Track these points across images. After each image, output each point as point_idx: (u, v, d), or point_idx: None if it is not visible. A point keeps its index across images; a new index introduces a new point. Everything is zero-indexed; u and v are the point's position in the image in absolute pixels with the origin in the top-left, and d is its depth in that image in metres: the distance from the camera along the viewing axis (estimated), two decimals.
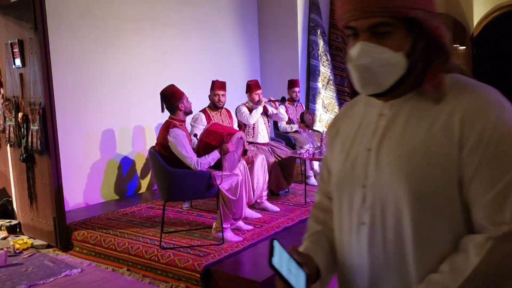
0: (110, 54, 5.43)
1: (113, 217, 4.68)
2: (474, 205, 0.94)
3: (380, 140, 1.03)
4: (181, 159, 3.79)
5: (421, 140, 0.97)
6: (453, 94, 0.97)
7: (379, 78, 0.98)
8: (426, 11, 0.96)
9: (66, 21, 5.02)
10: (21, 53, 4.35)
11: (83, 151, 5.21)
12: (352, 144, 1.11)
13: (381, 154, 1.02)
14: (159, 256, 3.63)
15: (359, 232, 1.05)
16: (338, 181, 1.12)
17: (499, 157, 0.91)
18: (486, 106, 0.93)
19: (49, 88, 4.17)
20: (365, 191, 1.04)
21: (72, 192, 5.02)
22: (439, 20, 0.98)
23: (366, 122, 1.10)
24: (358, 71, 1.00)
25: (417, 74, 1.00)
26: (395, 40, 0.96)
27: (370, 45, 0.96)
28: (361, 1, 0.95)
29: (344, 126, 1.17)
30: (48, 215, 4.31)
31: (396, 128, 1.02)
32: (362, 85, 1.01)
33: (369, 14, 0.95)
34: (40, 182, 4.40)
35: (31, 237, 4.56)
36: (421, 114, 0.99)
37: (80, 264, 3.94)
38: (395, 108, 1.04)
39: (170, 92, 3.90)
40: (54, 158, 4.23)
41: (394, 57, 0.96)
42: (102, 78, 5.36)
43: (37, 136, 4.23)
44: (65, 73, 4.94)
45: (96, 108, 5.31)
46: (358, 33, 0.99)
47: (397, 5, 0.93)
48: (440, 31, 0.97)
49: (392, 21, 0.95)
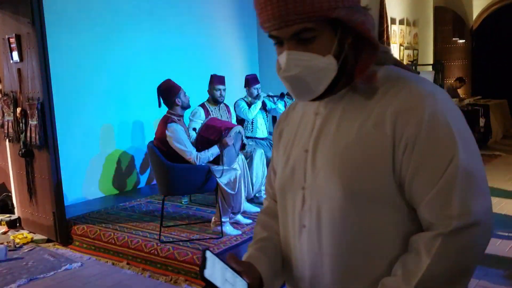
0: (108, 48, 5.42)
1: (113, 212, 4.69)
2: (419, 203, 0.91)
3: (316, 140, 1.01)
4: (180, 153, 3.80)
5: (354, 137, 0.94)
6: (385, 87, 0.95)
7: (312, 86, 0.95)
8: (348, 8, 0.91)
9: (64, 15, 5.00)
10: (19, 47, 4.34)
11: (82, 145, 5.21)
12: (292, 145, 1.08)
13: (317, 154, 1.00)
14: (159, 250, 3.64)
15: (301, 236, 1.03)
16: (280, 185, 1.09)
17: (438, 152, 0.88)
18: (419, 100, 0.90)
19: (47, 83, 4.17)
20: (304, 193, 1.01)
21: (71, 187, 5.03)
22: (363, 12, 0.95)
23: (304, 122, 1.07)
24: (288, 82, 0.96)
25: (349, 71, 0.97)
26: (321, 43, 0.92)
27: (297, 53, 0.93)
28: (278, 10, 0.90)
29: (286, 127, 1.15)
30: (48, 209, 4.32)
31: (331, 126, 0.99)
32: (296, 95, 0.98)
33: (290, 22, 0.90)
34: (39, 177, 4.40)
35: (31, 231, 4.57)
36: (355, 110, 0.97)
37: (80, 258, 3.95)
38: (330, 106, 1.01)
39: (167, 87, 3.90)
40: (53, 153, 4.23)
41: (323, 62, 0.93)
42: (100, 72, 5.35)
43: (36, 131, 4.22)
44: (63, 67, 4.93)
45: (95, 103, 5.30)
46: (282, 41, 0.95)
47: (316, 8, 0.89)
48: (365, 26, 0.93)
49: (315, 26, 0.90)
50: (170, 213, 4.51)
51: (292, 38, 0.92)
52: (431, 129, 0.88)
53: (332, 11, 0.89)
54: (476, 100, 9.19)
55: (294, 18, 0.89)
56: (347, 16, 0.91)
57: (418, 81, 0.94)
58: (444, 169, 0.87)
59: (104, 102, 5.40)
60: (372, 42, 0.94)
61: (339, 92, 0.99)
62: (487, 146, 8.14)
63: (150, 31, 5.87)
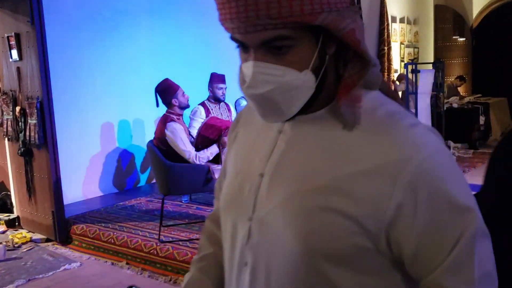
0: (108, 46, 5.40)
1: (112, 211, 4.68)
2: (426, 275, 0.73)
3: (276, 166, 0.80)
4: (179, 153, 3.79)
5: (329, 181, 0.73)
6: (372, 125, 0.74)
7: (282, 107, 0.75)
8: (335, 12, 0.71)
9: (63, 13, 4.98)
10: (18, 46, 4.32)
11: (82, 144, 5.19)
12: (245, 161, 0.88)
13: (274, 184, 0.79)
14: (158, 250, 3.63)
15: (241, 273, 0.84)
16: (225, 202, 0.90)
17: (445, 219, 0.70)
18: (413, 151, 0.70)
19: (46, 82, 4.16)
20: (251, 227, 0.81)
21: (71, 186, 5.01)
22: (353, 17, 0.74)
23: (263, 136, 0.86)
24: (254, 101, 0.76)
25: (328, 88, 0.78)
26: (298, 55, 0.72)
27: (266, 66, 0.72)
28: (245, 10, 0.68)
29: (243, 132, 0.94)
30: (47, 209, 4.31)
31: (296, 153, 0.79)
32: (262, 115, 0.78)
33: (260, 27, 0.70)
34: (38, 176, 4.39)
35: (30, 231, 4.56)
36: (330, 141, 0.76)
37: (79, 258, 3.94)
38: (299, 127, 0.80)
39: (164, 87, 3.89)
40: (52, 152, 4.22)
41: (299, 79, 0.73)
42: (100, 70, 5.33)
43: (35, 130, 4.21)
44: (63, 66, 4.91)
45: (95, 101, 5.29)
46: (248, 48, 0.74)
47: (295, 12, 0.68)
48: (355, 36, 0.73)
49: (292, 33, 0.71)
50: (170, 212, 4.49)
51: (262, 46, 0.72)
52: (436, 193, 0.70)
53: (315, 17, 0.70)
54: (476, 98, 9.18)
55: (266, 23, 0.69)
56: (334, 24, 0.71)
57: (409, 124, 0.74)
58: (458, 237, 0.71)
59: (104, 100, 5.38)
60: (363, 57, 0.75)
61: (313, 113, 0.79)
62: (487, 144, 8.13)
63: (150, 29, 5.85)
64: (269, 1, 0.68)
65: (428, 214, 0.70)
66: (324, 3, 0.70)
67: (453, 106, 7.95)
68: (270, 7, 0.68)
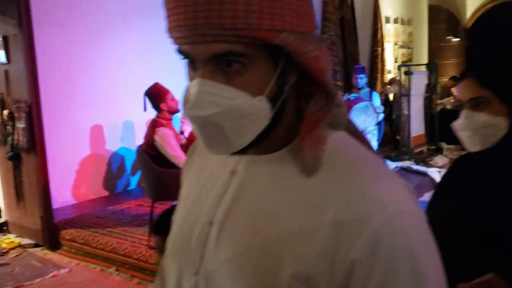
0: (99, 49, 5.35)
1: (102, 215, 4.64)
2: None
3: (226, 214, 0.70)
4: (169, 158, 3.75)
5: (279, 233, 0.64)
6: (335, 173, 0.65)
7: (230, 136, 0.64)
8: (298, 34, 0.63)
9: (53, 16, 4.92)
10: (6, 49, 4.26)
11: (72, 147, 5.14)
12: (195, 202, 0.76)
13: (223, 235, 0.69)
14: (147, 257, 3.60)
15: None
16: (170, 252, 0.80)
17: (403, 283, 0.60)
18: (374, 211, 0.60)
19: (34, 85, 4.11)
20: (197, 282, 0.71)
21: (61, 189, 4.96)
22: (319, 45, 0.65)
23: (216, 175, 0.76)
24: (197, 125, 0.65)
25: (288, 123, 0.68)
26: (253, 77, 0.63)
27: (215, 85, 0.62)
28: (195, 15, 0.59)
29: (198, 163, 0.83)
30: (36, 213, 4.27)
31: (249, 201, 0.69)
32: (207, 144, 0.67)
33: (209, 38, 0.60)
34: (27, 181, 4.34)
35: (19, 235, 4.51)
36: (286, 189, 0.66)
37: (68, 264, 3.90)
38: (254, 168, 0.71)
39: (153, 91, 3.84)
40: (40, 156, 4.17)
41: (252, 104, 0.63)
42: (91, 73, 5.28)
43: (23, 134, 4.17)
44: (52, 69, 4.86)
45: (85, 104, 5.23)
46: (196, 63, 0.64)
47: (252, 26, 0.59)
48: (319, 64, 0.64)
49: (247, 50, 0.61)
50: None
51: (211, 61, 0.62)
52: (390, 259, 0.60)
53: (275, 34, 0.61)
54: None
55: (216, 33, 0.59)
56: (296, 46, 0.62)
57: (377, 176, 0.64)
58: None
59: (94, 103, 5.33)
60: (326, 90, 0.66)
61: (270, 154, 0.69)
62: None
63: (141, 31, 5.80)
64: (222, 9, 0.58)
65: (384, 276, 0.60)
66: (286, 22, 0.61)
67: (446, 107, 7.95)
68: (223, 15, 0.58)
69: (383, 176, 0.65)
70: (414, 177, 5.74)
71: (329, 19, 7.33)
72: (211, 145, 0.66)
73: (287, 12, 0.61)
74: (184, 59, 0.66)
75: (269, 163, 0.69)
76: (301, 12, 0.63)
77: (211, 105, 0.62)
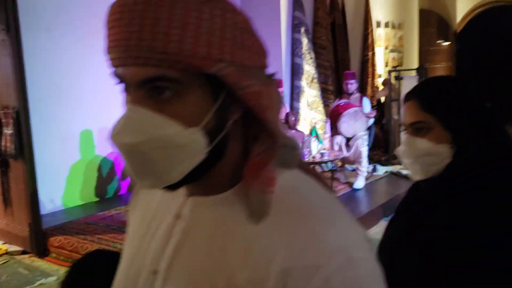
0: (88, 53, 5.31)
1: (92, 221, 4.60)
2: None
3: (170, 263, 0.65)
4: None
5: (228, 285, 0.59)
6: (282, 217, 0.60)
7: (160, 168, 0.59)
8: (239, 66, 0.58)
9: (42, 20, 4.88)
10: None
11: (61, 152, 5.10)
12: (140, 247, 0.71)
13: (168, 285, 0.64)
14: None
15: None
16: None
17: None
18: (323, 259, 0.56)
19: (22, 91, 4.06)
20: None
21: (50, 195, 4.93)
22: (264, 80, 0.61)
23: (159, 217, 0.71)
24: (123, 153, 0.60)
25: (233, 162, 0.64)
26: (186, 105, 0.58)
27: (142, 112, 0.58)
28: (128, 37, 0.55)
29: (144, 200, 0.77)
30: (24, 220, 4.22)
31: (193, 248, 0.64)
32: (135, 175, 0.61)
33: (140, 60, 0.56)
34: (15, 187, 4.30)
35: (6, 242, 4.46)
36: (231, 235, 0.62)
37: (56, 272, 3.86)
38: (200, 212, 0.65)
39: None
40: (29, 162, 4.13)
41: (183, 136, 0.58)
42: (80, 78, 5.24)
43: (11, 140, 4.13)
44: (41, 74, 4.82)
45: (74, 109, 5.19)
46: (129, 87, 0.60)
47: (186, 51, 0.55)
48: (260, 100, 0.60)
49: (180, 77, 0.57)
50: None
51: (143, 86, 0.58)
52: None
53: (211, 63, 0.56)
54: None
55: (148, 56, 0.55)
56: (233, 78, 0.58)
57: (328, 219, 0.60)
58: None
59: (83, 108, 5.29)
60: (268, 129, 0.61)
61: (216, 195, 0.65)
62: None
63: None
64: (155, 31, 0.54)
65: None
66: (226, 52, 0.57)
67: None
68: (155, 38, 0.54)
69: (335, 219, 0.60)
70: (403, 182, 5.77)
71: (321, 24, 7.35)
72: (140, 177, 0.61)
73: (227, 42, 0.57)
74: (119, 83, 0.61)
75: (215, 206, 0.64)
76: (246, 45, 0.60)
77: (136, 133, 0.57)
